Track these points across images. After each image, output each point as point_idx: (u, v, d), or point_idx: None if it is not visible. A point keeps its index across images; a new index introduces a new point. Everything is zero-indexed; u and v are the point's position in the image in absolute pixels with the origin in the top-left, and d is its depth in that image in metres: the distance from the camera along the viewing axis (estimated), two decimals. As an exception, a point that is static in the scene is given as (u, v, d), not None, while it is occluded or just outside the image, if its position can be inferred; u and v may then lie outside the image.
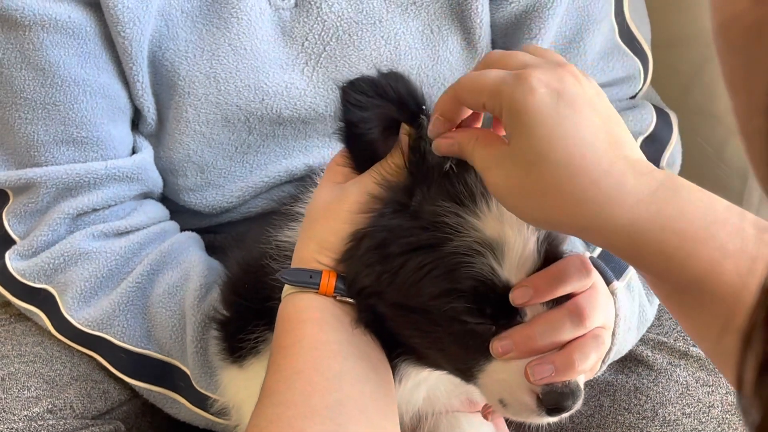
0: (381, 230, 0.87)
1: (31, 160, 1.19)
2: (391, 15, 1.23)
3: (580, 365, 0.86)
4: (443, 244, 0.84)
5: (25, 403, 1.14)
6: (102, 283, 1.20)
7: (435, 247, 0.84)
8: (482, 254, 0.83)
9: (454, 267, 0.83)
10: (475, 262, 0.83)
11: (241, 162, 1.29)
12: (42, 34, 1.13)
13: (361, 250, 0.88)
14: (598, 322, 0.89)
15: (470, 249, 0.83)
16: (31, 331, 1.24)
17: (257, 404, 0.84)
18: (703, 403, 1.17)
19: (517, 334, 0.85)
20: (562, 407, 0.86)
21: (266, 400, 0.84)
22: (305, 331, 0.87)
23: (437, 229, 0.84)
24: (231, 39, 1.20)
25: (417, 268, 0.85)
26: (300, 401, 0.82)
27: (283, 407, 0.82)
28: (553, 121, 0.76)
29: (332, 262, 0.90)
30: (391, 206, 0.88)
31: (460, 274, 0.83)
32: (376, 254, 0.87)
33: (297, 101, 1.24)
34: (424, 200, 0.86)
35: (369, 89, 0.88)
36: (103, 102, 1.19)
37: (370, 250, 0.87)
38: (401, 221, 0.86)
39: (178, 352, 1.19)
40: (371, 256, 0.87)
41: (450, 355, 0.90)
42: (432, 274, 0.84)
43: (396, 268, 0.86)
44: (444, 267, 0.84)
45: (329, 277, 0.89)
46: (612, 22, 1.27)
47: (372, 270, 0.87)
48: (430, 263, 0.84)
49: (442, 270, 0.84)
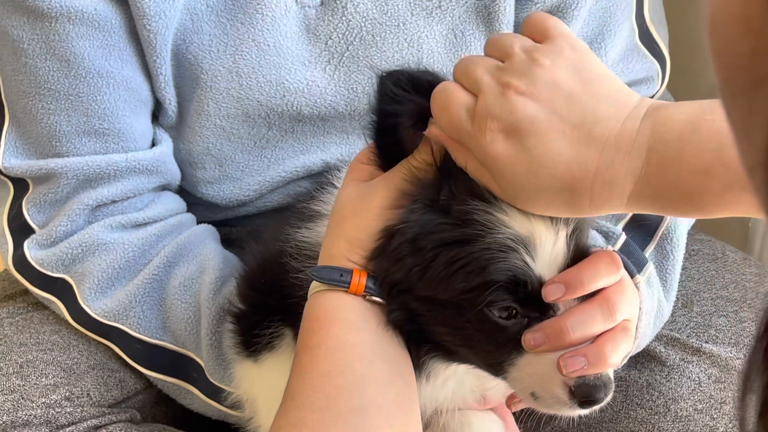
0: (412, 226, 0.87)
1: (53, 150, 1.20)
2: (415, 18, 1.23)
3: (612, 357, 0.87)
4: (475, 240, 0.85)
5: (43, 390, 1.16)
6: (119, 274, 1.21)
7: (467, 242, 0.85)
8: (516, 250, 0.84)
9: (487, 262, 0.84)
10: (508, 258, 0.84)
11: (259, 156, 1.29)
12: (68, 25, 1.14)
13: (392, 245, 0.88)
14: (625, 315, 0.91)
15: (503, 245, 0.84)
16: (49, 320, 1.25)
17: (281, 405, 0.85)
18: (715, 399, 1.18)
19: (549, 327, 0.86)
20: (594, 399, 0.87)
21: (290, 402, 0.84)
22: (332, 332, 0.87)
23: (468, 226, 0.85)
24: (255, 35, 1.21)
25: (449, 262, 0.85)
26: (324, 405, 0.82)
27: (307, 410, 0.82)
28: (523, 160, 0.80)
29: (362, 260, 0.90)
30: (421, 202, 0.88)
31: (493, 268, 0.84)
32: (408, 249, 0.87)
33: (317, 99, 1.25)
34: (452, 198, 0.87)
35: (406, 82, 0.88)
36: (125, 94, 1.19)
37: (401, 245, 0.87)
38: (432, 217, 0.87)
39: (193, 344, 1.21)
40: (402, 251, 0.87)
41: (481, 350, 0.90)
42: (465, 269, 0.85)
43: (427, 263, 0.86)
44: (477, 262, 0.84)
45: (360, 276, 0.89)
46: (633, 24, 1.28)
47: (403, 265, 0.87)
48: (463, 258, 0.85)
49: (475, 265, 0.84)
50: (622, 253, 1.05)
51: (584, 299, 0.89)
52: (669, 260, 1.17)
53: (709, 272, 1.33)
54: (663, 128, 0.77)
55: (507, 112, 0.80)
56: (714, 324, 1.25)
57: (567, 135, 0.79)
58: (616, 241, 1.12)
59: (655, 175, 0.77)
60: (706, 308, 1.27)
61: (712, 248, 1.38)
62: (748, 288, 1.28)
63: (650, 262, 1.11)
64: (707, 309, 1.27)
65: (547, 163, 0.79)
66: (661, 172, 0.77)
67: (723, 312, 1.26)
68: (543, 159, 0.79)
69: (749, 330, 1.22)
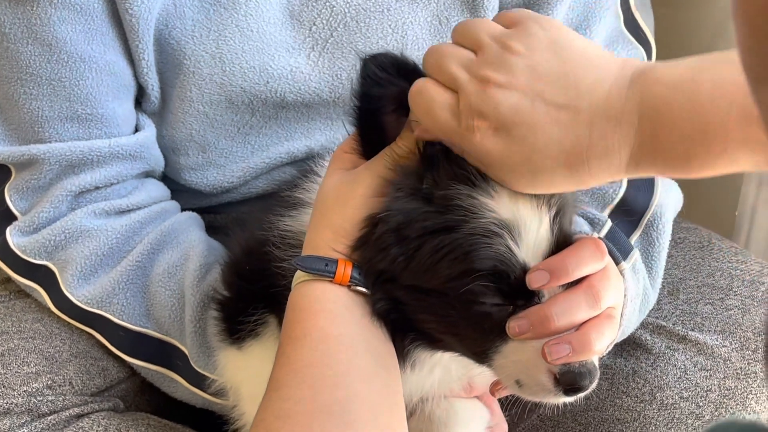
0: (396, 214, 0.87)
1: (35, 136, 1.19)
2: (400, 4, 1.22)
3: (597, 345, 0.87)
4: (459, 227, 0.84)
5: (24, 378, 1.15)
6: (102, 261, 1.20)
7: (451, 229, 0.84)
8: (499, 235, 0.84)
9: (471, 248, 0.84)
10: (492, 243, 0.84)
11: (242, 142, 1.28)
12: (50, 9, 1.12)
13: (375, 234, 0.88)
14: (610, 303, 0.91)
15: (487, 230, 0.84)
16: (31, 308, 1.25)
17: (265, 396, 0.84)
18: (700, 387, 1.18)
19: (534, 314, 0.86)
20: (579, 387, 0.87)
21: (274, 393, 0.84)
22: (316, 322, 0.87)
23: (452, 212, 0.85)
24: (238, 20, 1.20)
25: (434, 250, 0.85)
26: (309, 397, 0.81)
27: (292, 402, 0.82)
28: (516, 151, 0.80)
29: (347, 250, 0.89)
30: (405, 190, 0.87)
31: (477, 255, 0.84)
32: (392, 238, 0.87)
33: (301, 86, 1.24)
34: (436, 184, 0.86)
35: (390, 66, 0.88)
36: (108, 79, 1.19)
37: (385, 234, 0.87)
38: (416, 205, 0.86)
39: (177, 332, 1.20)
40: (386, 240, 0.87)
41: (466, 338, 0.90)
42: (449, 257, 0.84)
43: (412, 251, 0.86)
44: (461, 249, 0.84)
45: (345, 267, 0.88)
46: (618, 11, 1.27)
47: (387, 254, 0.87)
48: (447, 245, 0.84)
49: (459, 252, 0.84)
50: (608, 240, 1.05)
51: (569, 286, 0.88)
52: (655, 247, 1.17)
53: (695, 260, 1.33)
54: (651, 94, 0.76)
55: (491, 108, 0.80)
56: (700, 312, 1.25)
57: (554, 117, 0.79)
58: (601, 228, 1.12)
59: (649, 142, 0.77)
60: (692, 296, 1.27)
61: (698, 236, 1.38)
62: (734, 276, 1.28)
63: (636, 249, 1.11)
64: (693, 297, 1.27)
65: (540, 148, 0.79)
66: (655, 139, 0.76)
67: (709, 300, 1.26)
68: (535, 146, 0.79)
69: (735, 318, 1.22)
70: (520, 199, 0.85)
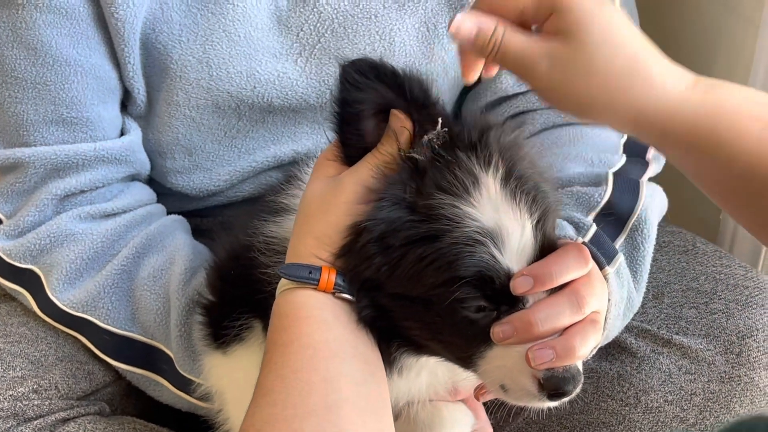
0: (379, 223, 0.87)
1: (20, 139, 1.18)
2: (387, 10, 1.22)
3: (581, 350, 0.88)
4: (443, 236, 0.85)
5: (10, 382, 1.15)
6: (87, 265, 1.20)
7: (435, 238, 0.85)
8: (483, 243, 0.84)
9: (455, 257, 0.84)
10: (476, 251, 0.84)
11: (229, 146, 1.28)
12: (35, 13, 1.12)
13: (360, 243, 0.88)
14: (594, 308, 0.92)
15: (470, 239, 0.84)
16: (17, 312, 1.24)
17: (252, 402, 0.84)
18: (685, 390, 1.19)
19: (518, 320, 0.87)
20: (563, 392, 0.88)
21: (262, 399, 0.84)
22: (303, 329, 0.87)
23: (436, 221, 0.85)
24: (225, 25, 1.20)
25: (418, 259, 0.85)
26: (297, 402, 0.82)
27: (280, 407, 0.82)
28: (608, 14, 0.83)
29: (330, 257, 0.89)
30: (389, 199, 0.88)
31: (462, 263, 0.84)
32: (376, 247, 0.87)
33: (288, 91, 1.24)
34: (419, 193, 0.87)
35: (369, 71, 0.88)
36: (93, 83, 1.18)
37: (369, 243, 0.87)
38: (400, 214, 0.87)
39: (162, 336, 1.20)
40: (371, 249, 0.87)
41: (451, 344, 0.91)
42: (434, 265, 0.85)
43: (396, 260, 0.86)
44: (445, 258, 0.84)
45: (329, 274, 0.88)
46: None
47: (372, 262, 0.87)
48: (431, 254, 0.85)
49: (443, 261, 0.84)
50: (593, 244, 1.06)
51: (553, 292, 0.89)
52: (639, 251, 1.17)
53: (680, 264, 1.34)
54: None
55: None
56: (684, 315, 1.25)
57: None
58: (586, 232, 1.12)
59: None
60: (676, 300, 1.28)
61: (682, 240, 1.38)
62: (719, 280, 1.28)
63: (620, 253, 1.12)
64: (678, 300, 1.28)
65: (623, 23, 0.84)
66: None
67: (693, 303, 1.26)
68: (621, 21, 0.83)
69: (719, 321, 1.22)
70: (502, 207, 0.85)
